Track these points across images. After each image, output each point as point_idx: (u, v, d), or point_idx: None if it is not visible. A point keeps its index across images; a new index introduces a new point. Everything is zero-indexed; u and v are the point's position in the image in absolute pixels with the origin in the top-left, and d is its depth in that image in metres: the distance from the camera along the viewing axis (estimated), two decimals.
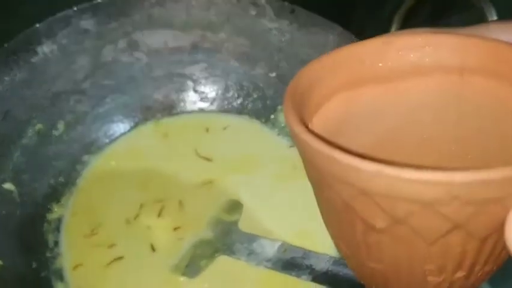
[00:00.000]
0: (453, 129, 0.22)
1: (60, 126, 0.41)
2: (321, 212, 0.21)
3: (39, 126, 0.40)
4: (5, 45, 0.38)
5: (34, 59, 0.39)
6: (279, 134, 0.44)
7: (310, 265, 0.34)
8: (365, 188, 0.16)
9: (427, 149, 0.22)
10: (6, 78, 0.38)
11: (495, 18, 0.35)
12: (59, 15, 0.40)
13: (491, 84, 0.20)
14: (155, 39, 0.43)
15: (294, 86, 0.19)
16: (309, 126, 0.20)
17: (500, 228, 0.16)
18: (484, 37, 0.20)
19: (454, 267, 0.18)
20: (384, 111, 0.22)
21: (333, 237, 0.21)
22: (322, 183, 0.18)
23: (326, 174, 0.17)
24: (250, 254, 0.37)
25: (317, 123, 0.20)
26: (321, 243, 0.37)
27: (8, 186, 0.38)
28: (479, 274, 0.19)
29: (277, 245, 0.36)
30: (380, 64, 0.21)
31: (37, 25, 0.39)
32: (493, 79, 0.20)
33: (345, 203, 0.17)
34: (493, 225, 0.16)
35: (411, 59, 0.21)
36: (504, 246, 0.17)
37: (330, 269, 0.33)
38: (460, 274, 0.19)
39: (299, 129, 0.18)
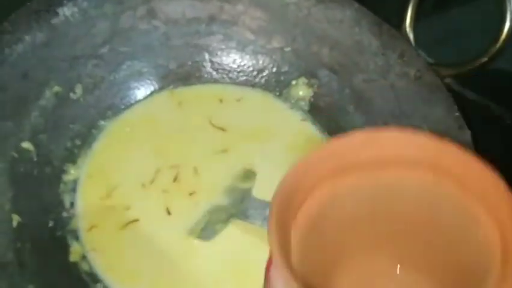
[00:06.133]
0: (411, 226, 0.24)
1: (78, 89, 0.42)
2: None
3: (57, 88, 0.40)
4: (28, 4, 0.38)
5: (55, 21, 0.39)
6: (291, 108, 0.45)
7: None
8: None
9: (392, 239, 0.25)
10: (26, 38, 0.38)
11: None
12: None
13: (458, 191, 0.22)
14: (174, 8, 0.44)
15: (279, 196, 0.21)
16: (293, 226, 0.21)
17: None
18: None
19: None
20: (361, 196, 0.24)
21: None
22: None
23: None
24: (265, 219, 0.38)
25: (301, 216, 0.22)
26: None
27: (26, 145, 0.38)
28: None
29: None
30: (363, 156, 0.22)
31: None
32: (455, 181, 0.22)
33: None
34: None
35: (389, 153, 0.22)
36: None
37: None
38: None
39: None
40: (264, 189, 0.40)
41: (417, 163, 0.22)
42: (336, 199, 0.23)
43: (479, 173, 0.20)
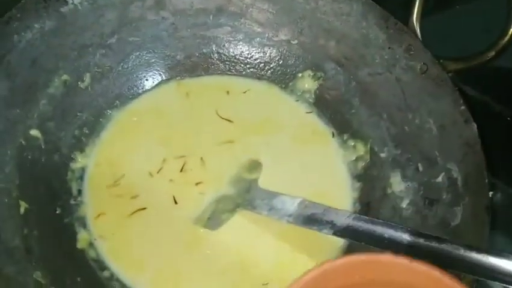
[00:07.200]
0: None
1: (86, 78, 0.42)
2: None
3: (65, 76, 0.41)
4: None
5: (64, 9, 0.40)
6: (297, 100, 0.45)
7: (331, 220, 0.35)
8: None
9: None
10: (36, 26, 0.39)
11: None
12: None
13: None
14: None
15: None
16: None
17: None
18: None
19: None
20: None
21: None
22: None
23: None
24: (271, 209, 0.38)
25: None
26: (336, 204, 0.39)
27: (34, 132, 0.38)
28: None
29: (297, 201, 0.37)
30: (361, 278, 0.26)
31: None
32: None
33: None
34: None
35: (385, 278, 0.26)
36: None
37: (350, 224, 0.34)
38: None
39: None
40: (270, 179, 0.40)
41: None
42: None
43: None
